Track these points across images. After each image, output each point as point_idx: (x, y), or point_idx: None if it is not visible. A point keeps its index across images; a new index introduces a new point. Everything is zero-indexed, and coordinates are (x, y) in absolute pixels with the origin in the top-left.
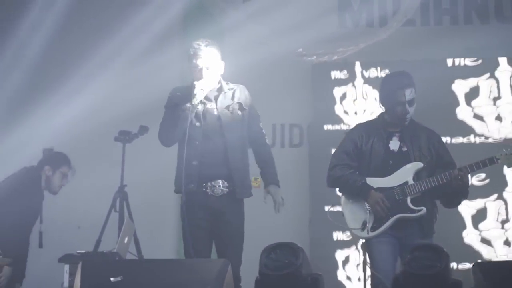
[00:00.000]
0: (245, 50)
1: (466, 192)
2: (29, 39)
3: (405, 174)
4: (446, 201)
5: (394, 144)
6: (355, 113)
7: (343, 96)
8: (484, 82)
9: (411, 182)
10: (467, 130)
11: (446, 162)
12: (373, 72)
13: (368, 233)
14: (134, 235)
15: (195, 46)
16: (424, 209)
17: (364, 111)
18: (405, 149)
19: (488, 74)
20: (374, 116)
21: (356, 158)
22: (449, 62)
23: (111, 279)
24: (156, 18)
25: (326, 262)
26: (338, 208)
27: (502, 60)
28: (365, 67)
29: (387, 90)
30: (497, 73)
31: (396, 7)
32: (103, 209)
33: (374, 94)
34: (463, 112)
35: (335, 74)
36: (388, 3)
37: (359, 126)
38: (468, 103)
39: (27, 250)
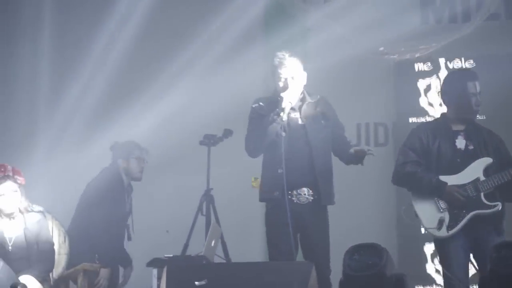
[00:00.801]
0: (327, 50)
1: None
2: (111, 45)
3: (476, 170)
4: (509, 197)
5: (460, 143)
6: (440, 104)
7: (428, 88)
8: None
9: (482, 178)
10: None
11: (507, 162)
12: (457, 63)
13: (447, 232)
14: (221, 238)
15: (280, 56)
16: (500, 204)
17: None
18: (471, 147)
19: None
20: None
21: (423, 156)
22: None
23: (196, 283)
24: (237, 20)
25: (414, 258)
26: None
27: None
28: (449, 58)
29: (456, 84)
30: None
31: (479, 0)
32: (190, 213)
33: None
34: None
35: (419, 66)
36: None
37: (423, 125)
38: None
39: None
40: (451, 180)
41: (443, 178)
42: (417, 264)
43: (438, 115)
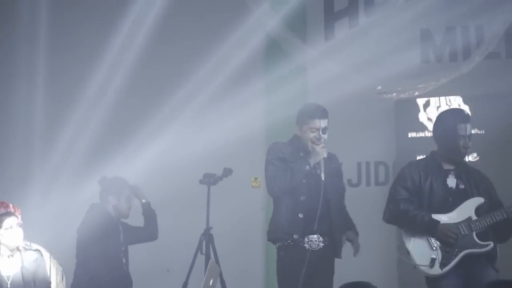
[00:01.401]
0: (326, 88)
1: None
2: (107, 83)
3: (468, 209)
4: (499, 237)
5: (451, 182)
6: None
7: (427, 104)
8: None
9: (474, 217)
10: None
11: (495, 202)
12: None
13: (441, 270)
14: (220, 277)
15: (314, 108)
16: (492, 243)
17: None
18: (462, 186)
19: None
20: None
21: (414, 195)
22: None
23: None
24: (236, 56)
25: None
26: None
27: None
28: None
29: (447, 124)
30: None
31: (479, 39)
32: (191, 252)
33: (458, 100)
34: None
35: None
36: (471, 35)
37: (414, 163)
38: None
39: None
40: (443, 218)
41: (435, 216)
42: None
43: None
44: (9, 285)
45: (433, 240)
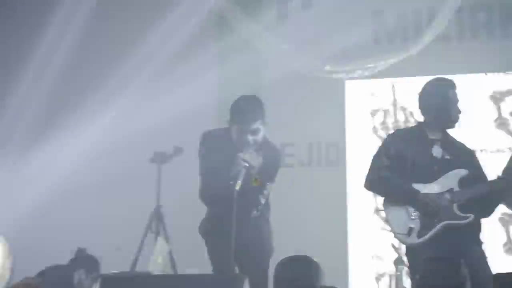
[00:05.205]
0: (277, 65)
1: (501, 201)
2: (52, 55)
3: (450, 180)
4: (483, 211)
5: (437, 152)
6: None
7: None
8: None
9: (456, 188)
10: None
11: (481, 176)
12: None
13: (417, 239)
14: (170, 255)
15: (244, 120)
16: (472, 216)
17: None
18: (447, 157)
19: None
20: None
21: (397, 163)
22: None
23: None
24: (185, 25)
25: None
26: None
27: None
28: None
29: (436, 91)
30: None
31: (430, 19)
32: (142, 231)
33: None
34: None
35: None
36: (424, 17)
37: (399, 131)
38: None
39: None
40: (424, 188)
41: (416, 186)
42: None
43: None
44: None
45: (412, 209)
